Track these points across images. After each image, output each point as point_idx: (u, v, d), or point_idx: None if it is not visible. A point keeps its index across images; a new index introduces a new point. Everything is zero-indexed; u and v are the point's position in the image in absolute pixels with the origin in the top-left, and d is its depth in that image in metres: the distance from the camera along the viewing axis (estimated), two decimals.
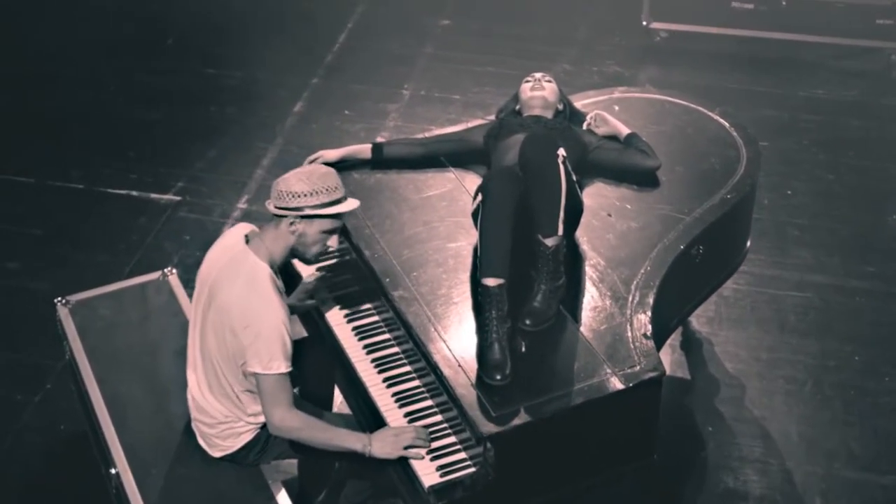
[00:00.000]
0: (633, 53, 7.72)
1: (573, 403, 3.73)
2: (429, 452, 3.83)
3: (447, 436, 3.88)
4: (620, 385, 3.78)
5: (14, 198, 6.46)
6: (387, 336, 4.26)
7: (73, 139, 6.91)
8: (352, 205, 3.91)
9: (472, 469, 3.76)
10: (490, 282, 3.89)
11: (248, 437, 4.02)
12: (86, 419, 4.53)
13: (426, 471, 3.79)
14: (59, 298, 4.71)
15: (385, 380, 4.11)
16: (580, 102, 5.03)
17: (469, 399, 3.74)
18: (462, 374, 3.83)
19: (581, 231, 4.36)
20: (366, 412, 4.11)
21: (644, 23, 7.73)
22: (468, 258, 4.26)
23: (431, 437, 3.86)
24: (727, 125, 4.98)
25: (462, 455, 3.82)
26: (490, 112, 5.31)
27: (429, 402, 4.00)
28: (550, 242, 3.98)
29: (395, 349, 4.21)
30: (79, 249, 6.07)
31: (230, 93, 7.37)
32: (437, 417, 3.94)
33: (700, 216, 4.47)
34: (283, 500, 3.98)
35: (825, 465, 4.92)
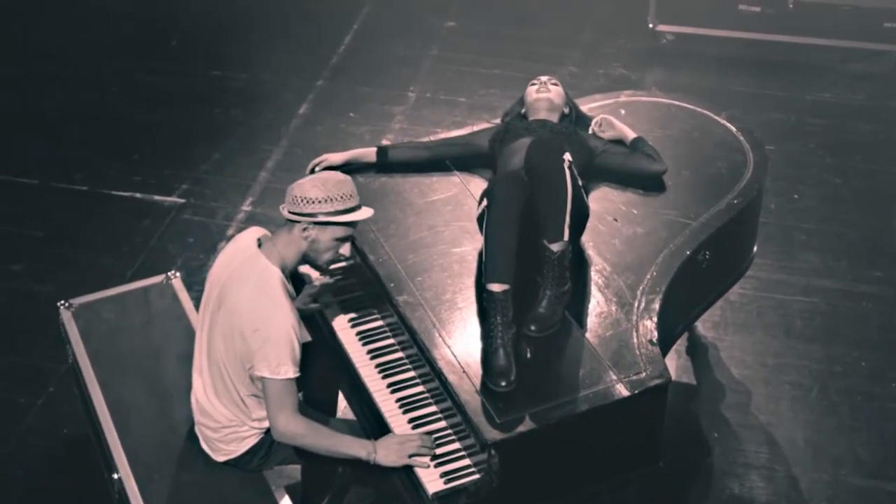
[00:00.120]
0: (639, 56, 7.70)
1: (578, 410, 3.71)
2: (433, 459, 3.81)
3: (451, 442, 3.86)
4: (626, 392, 3.75)
5: (17, 199, 6.44)
6: (391, 341, 4.24)
7: (77, 140, 6.90)
8: (366, 213, 3.89)
9: (477, 476, 3.74)
10: (495, 287, 3.86)
11: (252, 442, 4.01)
12: (88, 423, 4.51)
13: (430, 477, 3.77)
14: (62, 302, 4.70)
15: (389, 385, 4.09)
16: (586, 106, 5.00)
17: (473, 405, 3.72)
18: (467, 380, 3.80)
19: (587, 236, 4.34)
20: (370, 418, 4.09)
21: (650, 25, 7.71)
22: (473, 263, 4.24)
23: (436, 444, 3.83)
24: (734, 129, 4.96)
25: (466, 461, 3.80)
26: (496, 115, 5.28)
27: (433, 408, 3.98)
28: (556, 248, 3.95)
29: (400, 354, 4.19)
30: (82, 252, 6.05)
31: (235, 94, 7.35)
32: (442, 423, 3.92)
33: (706, 221, 4.45)
34: None
35: (831, 472, 4.89)
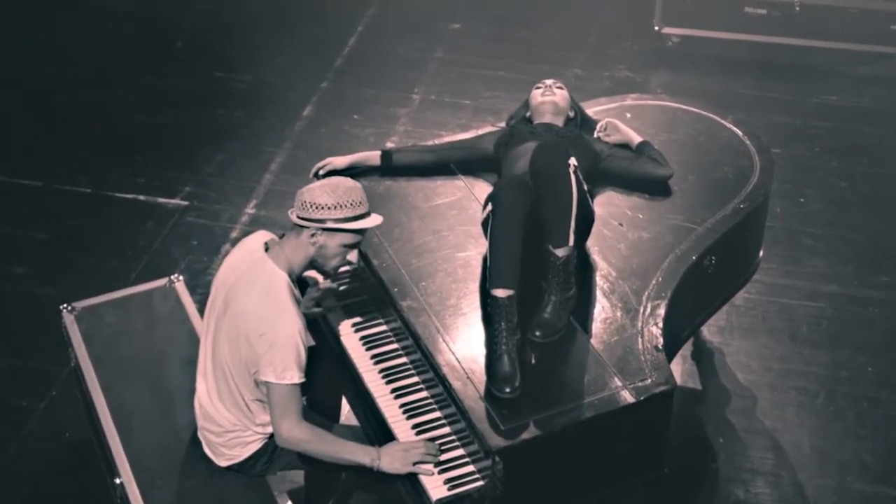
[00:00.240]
0: (645, 58, 7.68)
1: (583, 417, 3.69)
2: (436, 465, 3.80)
3: (455, 448, 3.85)
4: (631, 399, 3.73)
5: (20, 201, 6.43)
6: (395, 346, 4.22)
7: (80, 142, 6.88)
8: (375, 221, 3.87)
9: (480, 482, 3.73)
10: (500, 293, 3.84)
11: (256, 447, 3.99)
12: (91, 427, 4.50)
13: (434, 484, 3.76)
14: (65, 305, 4.68)
15: (393, 391, 4.08)
16: (592, 109, 4.98)
17: (478, 412, 3.70)
18: (471, 386, 3.78)
19: (592, 241, 4.31)
20: (373, 423, 4.07)
21: (656, 27, 7.69)
22: (478, 268, 4.22)
23: (440, 451, 3.82)
24: (740, 133, 4.93)
25: (470, 468, 3.78)
26: (501, 117, 5.26)
27: (437, 414, 3.96)
28: (561, 253, 3.93)
29: (404, 359, 4.17)
30: (85, 254, 6.04)
31: (239, 96, 7.34)
32: (446, 429, 3.91)
33: (712, 226, 4.42)
34: None
35: (837, 478, 4.87)
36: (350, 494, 4.31)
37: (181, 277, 4.82)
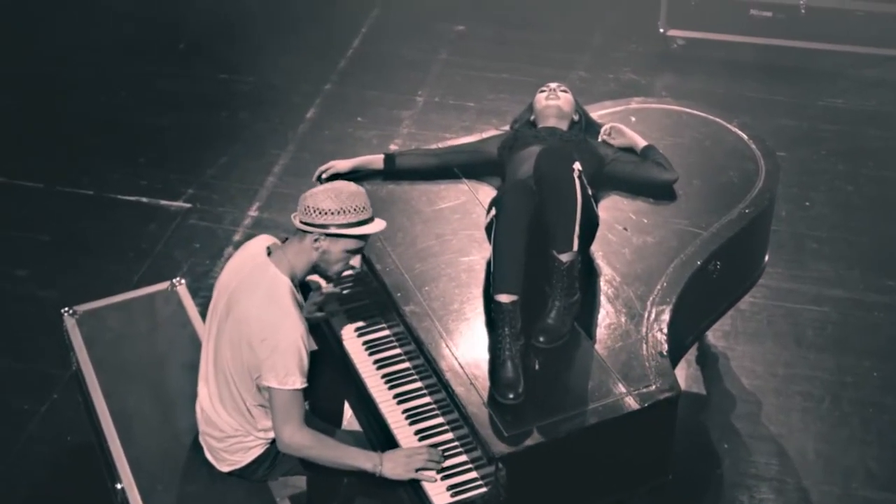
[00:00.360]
0: (650, 61, 7.65)
1: (587, 423, 3.66)
2: (439, 471, 3.77)
3: (458, 454, 3.82)
4: (635, 405, 3.71)
5: (22, 203, 6.42)
6: (398, 351, 4.20)
7: (83, 144, 6.87)
8: (378, 226, 3.85)
9: (483, 489, 3.70)
10: (503, 298, 3.82)
11: (258, 452, 3.97)
12: (92, 431, 4.47)
13: (436, 490, 3.73)
14: (66, 309, 4.67)
15: (396, 396, 4.05)
16: (596, 113, 4.96)
17: (481, 418, 3.67)
18: (474, 392, 3.76)
19: (596, 245, 4.29)
20: (376, 429, 4.05)
21: (661, 30, 7.66)
22: (481, 273, 4.19)
23: (443, 458, 3.79)
24: (745, 137, 4.91)
25: (473, 474, 3.76)
26: (505, 119, 5.25)
27: (440, 420, 3.94)
28: (565, 258, 3.91)
29: (407, 364, 4.15)
30: (88, 256, 6.02)
31: (242, 98, 7.32)
32: (449, 435, 3.88)
33: (717, 231, 4.40)
34: None
35: (842, 485, 4.84)
36: (352, 500, 4.28)
37: (183, 281, 4.80)
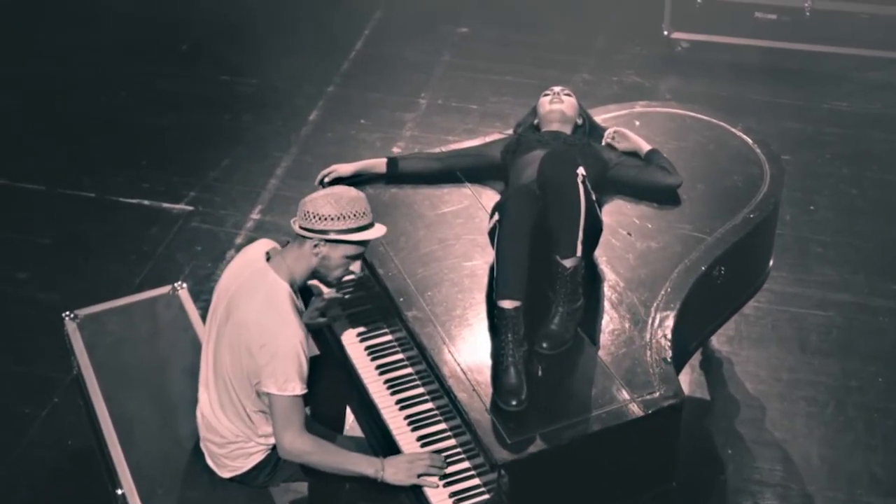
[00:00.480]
0: (654, 63, 7.63)
1: (590, 431, 3.63)
2: (442, 478, 3.75)
3: (461, 461, 3.80)
4: (639, 412, 3.68)
5: (23, 205, 6.41)
6: (400, 356, 4.18)
7: (85, 146, 6.86)
8: (378, 232, 3.83)
9: (486, 496, 3.69)
10: (506, 304, 3.79)
11: (259, 458, 3.95)
12: (93, 435, 4.46)
13: (438, 497, 3.72)
14: (67, 313, 4.65)
15: (398, 402, 4.03)
16: (600, 117, 4.94)
17: (483, 425, 3.65)
18: (477, 399, 3.73)
19: (600, 250, 4.27)
20: (378, 435, 4.03)
21: (665, 32, 7.64)
22: (484, 278, 4.17)
23: (446, 464, 3.77)
24: (750, 141, 4.88)
25: (476, 481, 3.74)
26: (508, 122, 5.22)
27: (442, 426, 3.92)
28: (569, 264, 3.89)
29: (409, 370, 4.13)
30: (89, 259, 6.01)
31: (245, 100, 7.30)
32: (451, 442, 3.86)
33: (722, 236, 4.37)
34: None
35: (847, 491, 4.81)
36: None
37: (185, 285, 4.78)
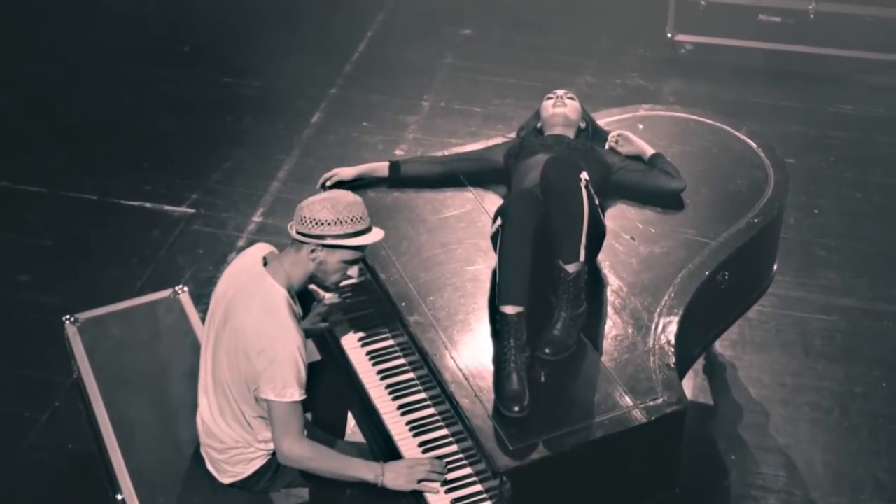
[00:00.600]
0: (657, 66, 7.60)
1: (593, 437, 3.62)
2: (443, 484, 3.74)
3: (462, 467, 3.78)
4: (642, 418, 3.66)
5: (24, 208, 6.39)
6: (402, 361, 4.16)
7: (86, 148, 6.84)
8: (376, 236, 3.81)
9: (488, 503, 3.66)
10: (509, 309, 3.77)
11: (259, 464, 3.93)
12: (93, 439, 4.44)
13: (439, 503, 3.69)
14: (68, 316, 4.63)
15: (399, 407, 4.01)
16: (603, 120, 4.91)
17: (485, 430, 3.63)
18: (479, 405, 3.71)
19: (603, 255, 4.25)
20: (379, 440, 4.01)
21: (669, 35, 7.61)
22: (486, 282, 4.15)
23: (447, 469, 3.75)
24: (754, 146, 4.86)
25: (477, 487, 3.72)
26: (511, 125, 5.20)
27: (444, 432, 3.90)
28: (571, 269, 3.87)
29: (411, 375, 4.11)
30: (90, 262, 5.99)
31: (247, 103, 7.28)
32: (453, 447, 3.84)
33: (726, 241, 4.35)
34: None
35: (851, 497, 4.79)
36: None
37: (185, 288, 4.77)
